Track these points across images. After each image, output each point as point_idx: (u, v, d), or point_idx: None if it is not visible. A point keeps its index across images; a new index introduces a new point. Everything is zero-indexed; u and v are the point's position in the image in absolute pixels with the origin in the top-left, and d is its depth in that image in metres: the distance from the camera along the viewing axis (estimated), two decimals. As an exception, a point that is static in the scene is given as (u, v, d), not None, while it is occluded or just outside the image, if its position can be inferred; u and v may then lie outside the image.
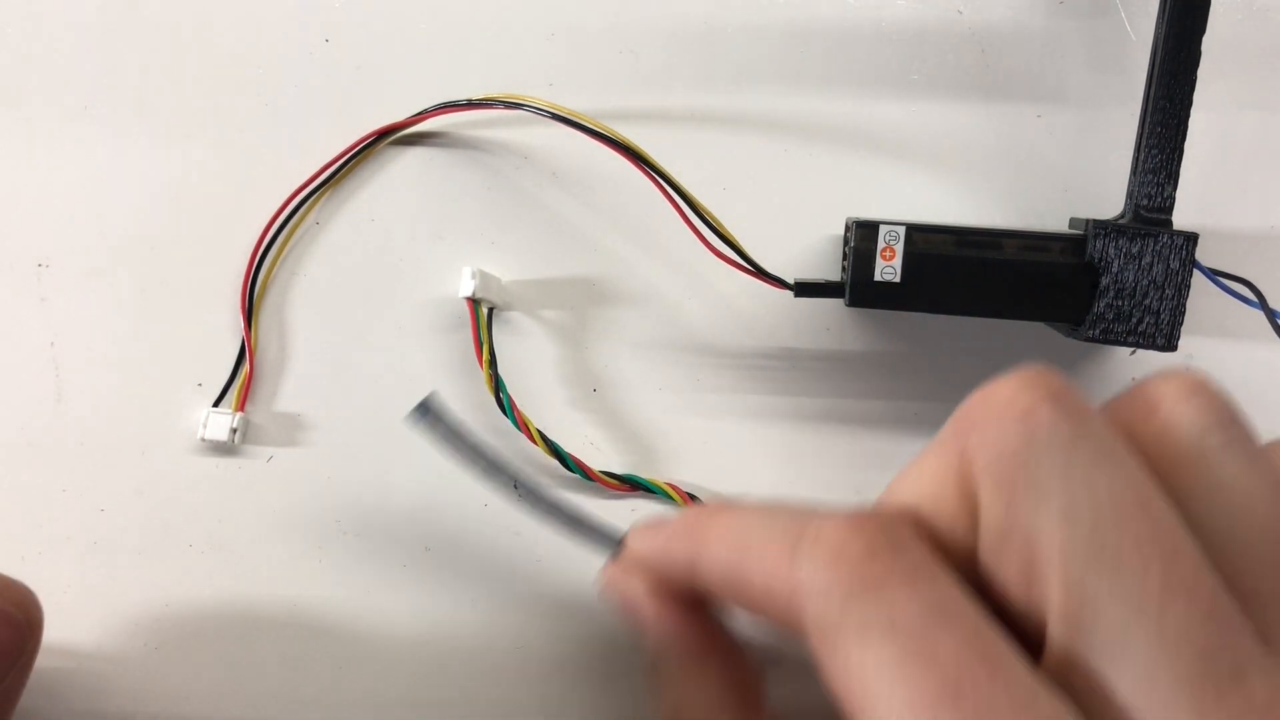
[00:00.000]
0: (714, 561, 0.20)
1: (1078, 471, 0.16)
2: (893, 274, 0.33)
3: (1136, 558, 0.15)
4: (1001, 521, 0.17)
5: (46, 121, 0.38)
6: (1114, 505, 0.16)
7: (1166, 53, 0.32)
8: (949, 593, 0.16)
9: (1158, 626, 0.14)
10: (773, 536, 0.19)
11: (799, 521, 0.19)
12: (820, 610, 0.17)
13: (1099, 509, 0.15)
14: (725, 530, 0.20)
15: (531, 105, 0.34)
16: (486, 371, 0.35)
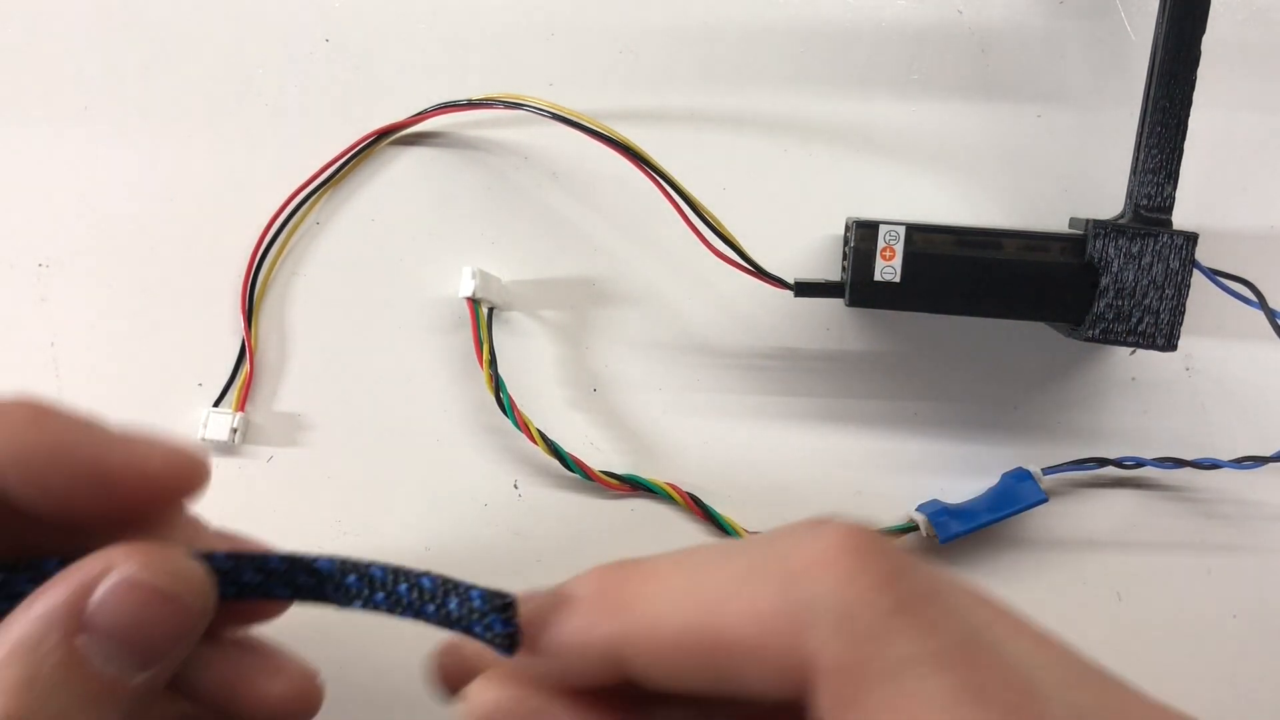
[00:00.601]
0: (663, 631, 0.16)
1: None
2: (893, 274, 0.33)
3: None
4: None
5: (46, 121, 0.38)
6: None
7: (1166, 53, 0.32)
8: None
9: None
10: (749, 579, 0.16)
11: (766, 556, 0.16)
12: (843, 646, 0.15)
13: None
14: (668, 590, 0.17)
15: (531, 105, 0.34)
16: (486, 371, 0.35)
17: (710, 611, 0.16)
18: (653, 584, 0.17)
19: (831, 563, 0.15)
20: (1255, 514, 0.37)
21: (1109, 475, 0.37)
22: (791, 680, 0.15)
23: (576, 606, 0.18)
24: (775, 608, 0.15)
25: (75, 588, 0.18)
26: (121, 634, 0.18)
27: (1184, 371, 0.37)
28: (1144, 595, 0.37)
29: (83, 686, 0.18)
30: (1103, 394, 0.37)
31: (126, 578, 0.19)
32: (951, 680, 0.14)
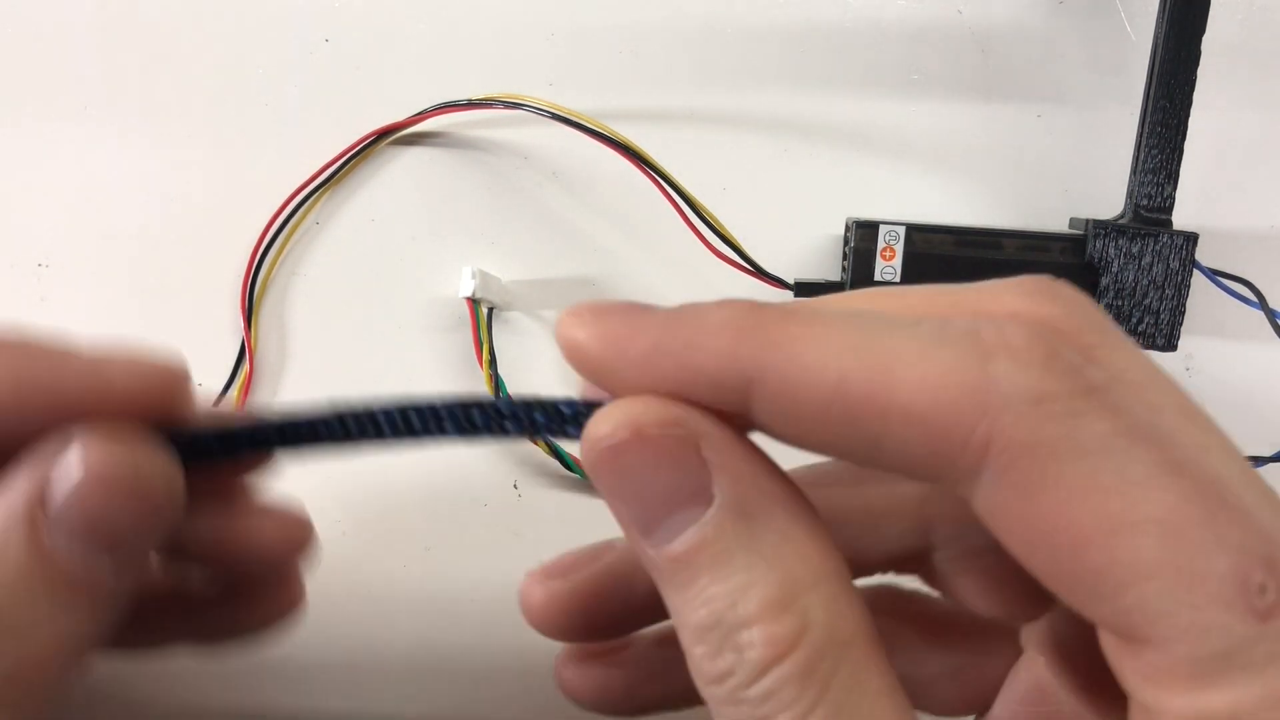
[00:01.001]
0: (818, 380, 0.14)
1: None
2: (893, 274, 0.33)
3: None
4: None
5: (46, 121, 0.38)
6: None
7: (1166, 53, 0.32)
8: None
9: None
10: (934, 341, 0.14)
11: (956, 325, 0.15)
12: (1034, 426, 0.14)
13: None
14: (833, 338, 0.15)
15: (531, 105, 0.34)
16: (486, 371, 0.35)
17: (881, 369, 0.14)
18: (812, 327, 0.15)
19: (1025, 349, 0.14)
20: (1255, 514, 0.37)
21: (1109, 475, 0.37)
22: (955, 458, 0.14)
23: (713, 329, 0.15)
24: (961, 381, 0.14)
25: (35, 481, 0.17)
26: (86, 527, 0.17)
27: (1184, 372, 0.37)
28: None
29: (55, 584, 0.17)
30: (1103, 394, 0.37)
31: (88, 461, 0.17)
32: (1146, 454, 0.14)
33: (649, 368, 0.15)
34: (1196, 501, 0.14)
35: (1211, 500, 0.14)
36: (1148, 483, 0.14)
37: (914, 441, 0.14)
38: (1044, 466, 0.14)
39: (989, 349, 0.14)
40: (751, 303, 0.15)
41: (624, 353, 0.16)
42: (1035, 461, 0.14)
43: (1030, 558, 0.15)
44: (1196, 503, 0.14)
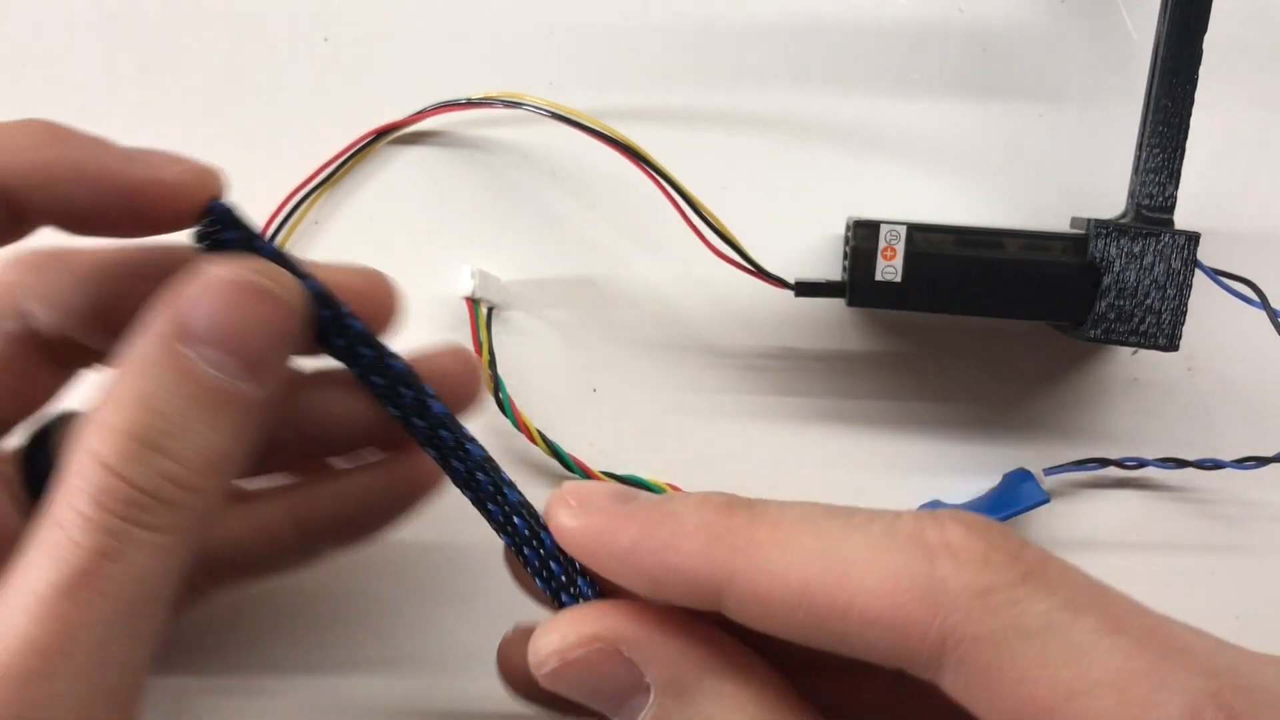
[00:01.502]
0: (783, 584, 0.16)
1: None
2: (894, 274, 0.33)
3: None
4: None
5: (46, 121, 0.37)
6: None
7: (1168, 52, 0.32)
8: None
9: None
10: (885, 546, 0.16)
11: (897, 531, 0.16)
12: (985, 618, 0.15)
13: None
14: (794, 544, 0.16)
15: (531, 105, 0.34)
16: (486, 371, 0.35)
17: (840, 574, 0.16)
18: (776, 532, 0.17)
19: (965, 546, 0.16)
20: (1258, 515, 0.37)
21: (1110, 476, 0.37)
22: (914, 651, 0.16)
23: (688, 532, 0.17)
24: (911, 585, 0.16)
25: (177, 299, 0.19)
26: (222, 335, 0.19)
27: (1186, 372, 0.37)
28: (1146, 596, 0.36)
29: (195, 395, 0.18)
30: (1104, 394, 0.37)
31: (220, 277, 0.19)
32: (1089, 620, 0.15)
33: (629, 564, 0.17)
34: (1140, 655, 0.15)
35: (1154, 650, 0.15)
36: (1093, 648, 0.15)
37: (876, 640, 0.16)
38: (998, 654, 0.15)
39: (934, 550, 0.16)
40: (724, 502, 0.17)
41: (607, 547, 0.18)
42: (988, 650, 0.15)
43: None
44: (1140, 657, 0.15)
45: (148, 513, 0.17)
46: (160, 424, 0.18)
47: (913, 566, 0.16)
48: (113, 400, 0.18)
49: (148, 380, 0.18)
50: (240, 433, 0.19)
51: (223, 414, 0.19)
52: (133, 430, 0.18)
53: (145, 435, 0.18)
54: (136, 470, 0.17)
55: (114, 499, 0.17)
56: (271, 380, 0.20)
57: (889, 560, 0.16)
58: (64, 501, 0.17)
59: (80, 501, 0.17)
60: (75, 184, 0.19)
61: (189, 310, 0.19)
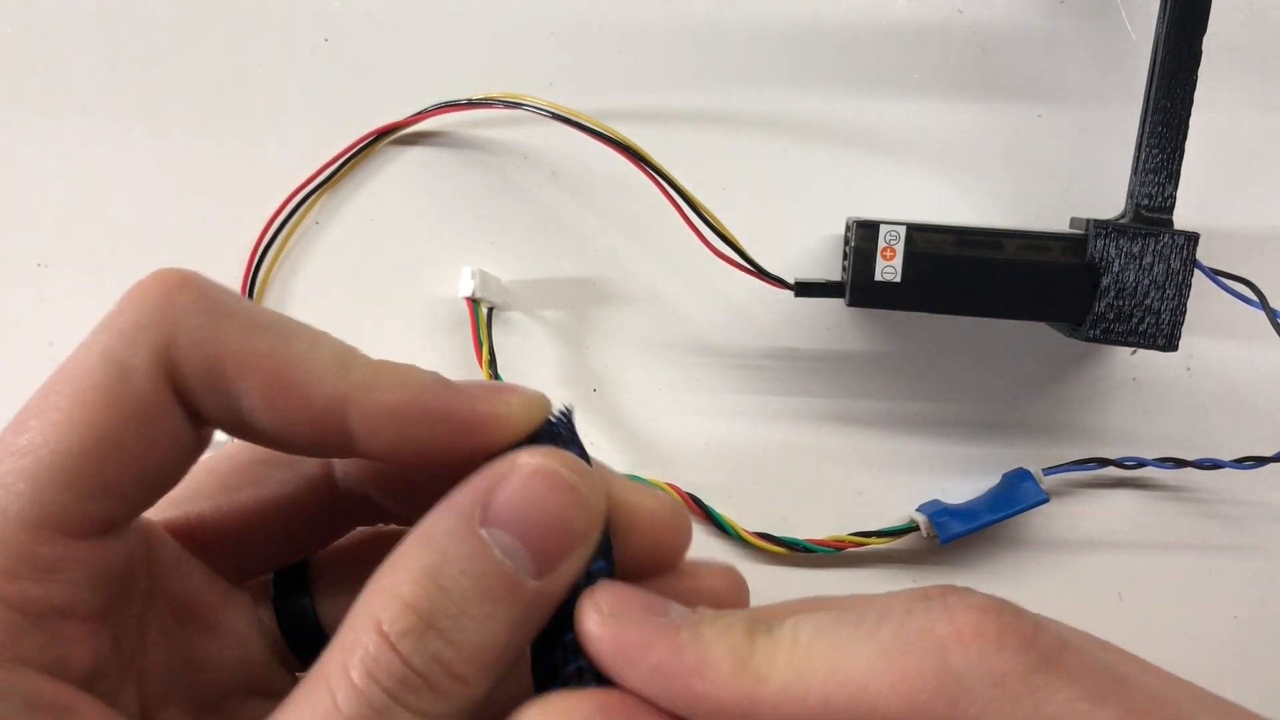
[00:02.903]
0: (805, 705, 0.17)
1: None
2: (893, 274, 0.33)
3: None
4: None
5: (46, 121, 0.37)
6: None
7: (1167, 52, 0.32)
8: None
9: None
10: (897, 649, 0.16)
11: (908, 627, 0.17)
12: (1008, 704, 0.16)
13: None
14: (810, 662, 0.17)
15: (531, 105, 0.34)
16: (486, 371, 0.35)
17: (858, 688, 0.16)
18: (794, 655, 0.17)
19: (977, 632, 0.16)
20: (1256, 514, 0.37)
21: (1110, 475, 0.37)
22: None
23: (714, 661, 0.18)
24: (927, 682, 0.16)
25: (483, 481, 0.19)
26: (522, 523, 0.18)
27: (1185, 371, 0.37)
28: (1145, 596, 0.37)
29: (483, 579, 0.18)
30: (1104, 394, 0.37)
31: (532, 465, 0.19)
32: (1108, 714, 0.15)
33: (655, 682, 0.18)
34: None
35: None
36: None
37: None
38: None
39: (945, 643, 0.16)
40: (746, 628, 0.18)
41: (633, 663, 0.18)
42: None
43: None
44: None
45: (413, 694, 0.17)
46: (445, 604, 0.18)
47: (926, 664, 0.16)
48: (402, 568, 0.18)
49: (440, 555, 0.18)
50: (517, 630, 0.19)
51: (504, 605, 0.18)
52: (418, 604, 0.17)
53: (428, 612, 0.17)
54: (413, 647, 0.17)
55: (385, 673, 0.17)
56: (559, 583, 0.19)
57: (902, 664, 0.16)
58: (337, 662, 0.17)
59: (353, 667, 0.17)
60: (420, 426, 0.19)
61: (495, 492, 0.19)
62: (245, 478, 0.22)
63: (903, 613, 0.17)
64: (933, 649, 0.16)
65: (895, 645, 0.16)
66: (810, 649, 0.17)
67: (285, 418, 0.19)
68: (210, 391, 0.19)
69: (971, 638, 0.16)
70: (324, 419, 0.19)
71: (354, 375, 0.19)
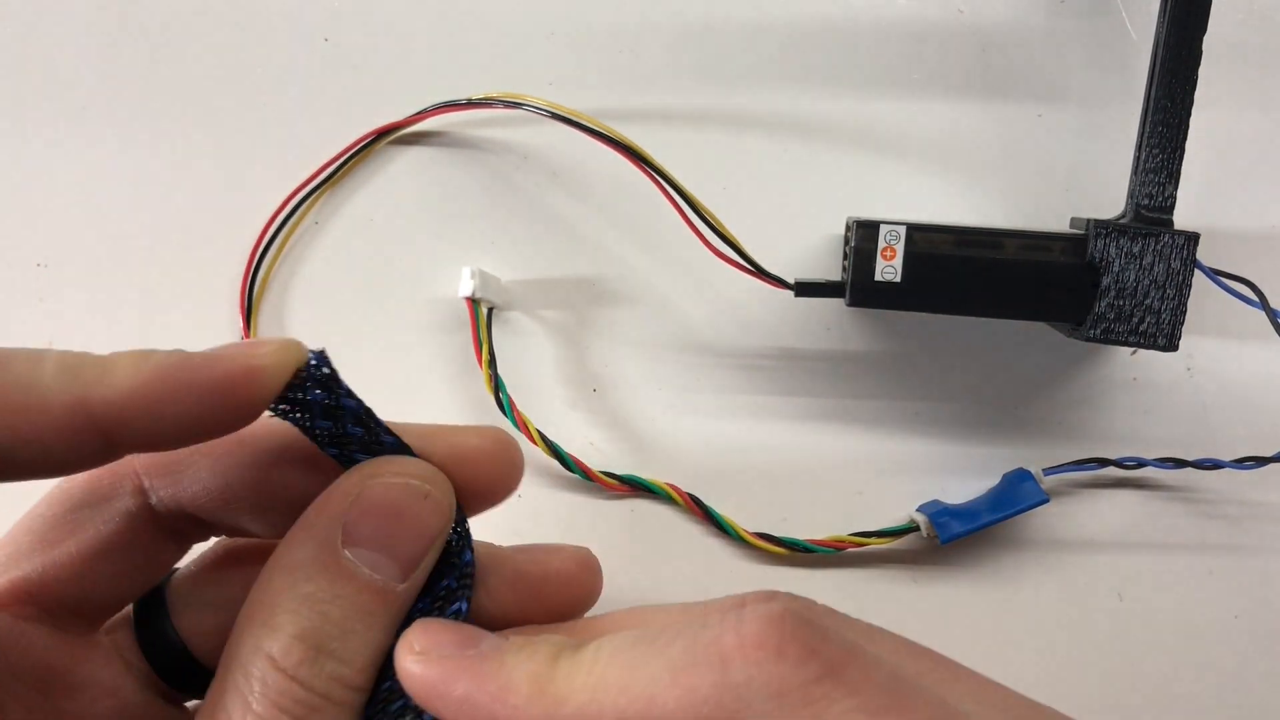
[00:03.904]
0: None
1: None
2: (893, 274, 0.33)
3: None
4: None
5: (46, 121, 0.37)
6: None
7: (1167, 52, 0.32)
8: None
9: None
10: (683, 663, 0.17)
11: (697, 641, 0.17)
12: (786, 715, 0.16)
13: None
14: (603, 683, 0.18)
15: (531, 105, 0.34)
16: (486, 371, 0.35)
17: (645, 703, 0.17)
18: (592, 676, 0.18)
19: (759, 643, 0.16)
20: (1257, 514, 0.37)
21: (1110, 476, 0.37)
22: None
23: (515, 686, 0.18)
24: (708, 695, 0.16)
25: (335, 504, 0.20)
26: (384, 541, 0.19)
27: (1185, 372, 0.37)
28: (1145, 596, 0.37)
29: (357, 596, 0.19)
30: (1104, 394, 0.37)
31: (385, 484, 0.20)
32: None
33: (463, 713, 0.18)
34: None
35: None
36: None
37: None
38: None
39: (727, 654, 0.16)
40: (550, 653, 0.18)
41: (442, 697, 0.19)
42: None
43: None
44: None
45: (319, 714, 0.18)
46: (328, 628, 0.19)
47: (707, 678, 0.16)
48: (278, 603, 0.19)
49: (312, 584, 0.19)
50: (395, 628, 0.20)
51: (380, 614, 0.19)
52: (304, 634, 0.18)
53: (316, 639, 0.18)
54: (310, 674, 0.18)
55: (290, 700, 0.18)
56: (423, 575, 0.20)
57: (687, 679, 0.17)
58: (238, 700, 0.18)
59: (257, 702, 0.18)
60: (171, 402, 0.19)
61: (352, 517, 0.19)
62: (63, 529, 0.21)
63: (699, 626, 0.17)
64: (715, 662, 0.16)
65: (683, 659, 0.17)
66: (607, 668, 0.18)
67: (35, 440, 0.18)
68: None
69: (754, 649, 0.16)
70: (72, 427, 0.18)
71: (85, 374, 0.18)
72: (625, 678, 0.17)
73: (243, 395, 0.19)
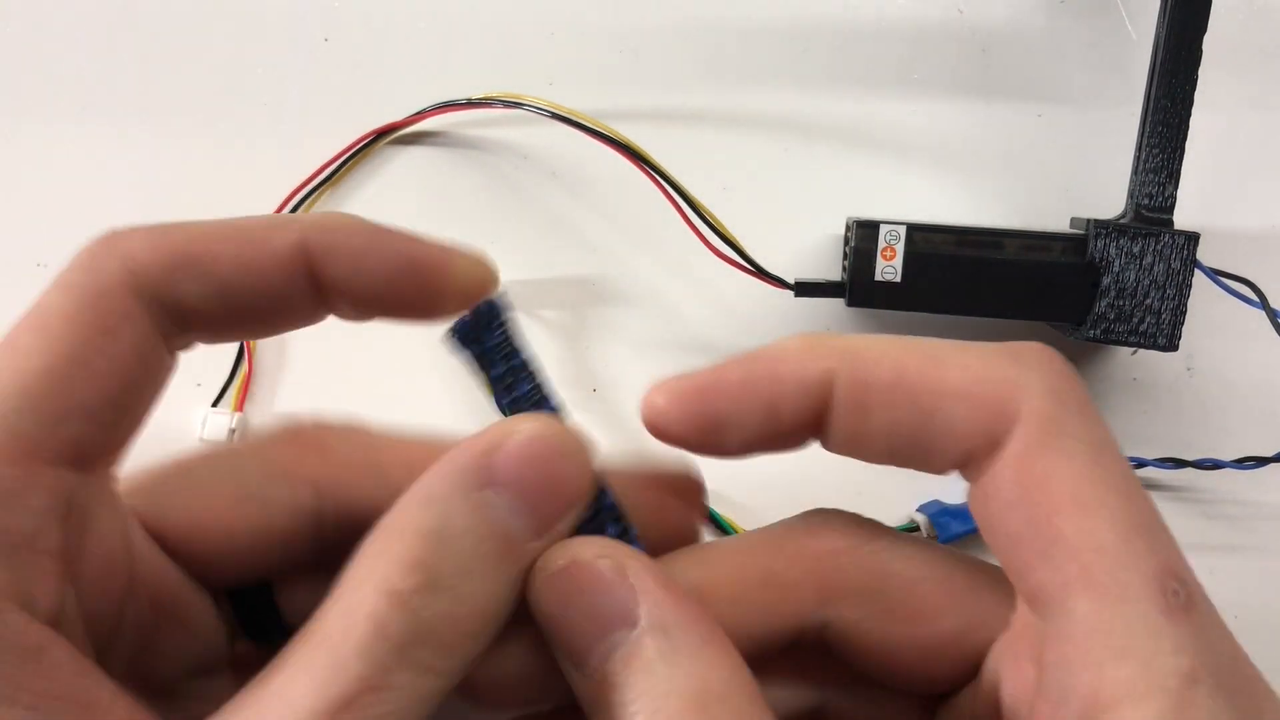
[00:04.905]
0: (883, 367, 0.19)
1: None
2: (893, 274, 0.33)
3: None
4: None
5: (46, 121, 0.37)
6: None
7: (1167, 52, 0.32)
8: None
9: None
10: (981, 350, 0.18)
11: (991, 346, 0.19)
12: (1051, 408, 0.17)
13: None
14: (889, 345, 0.19)
15: (531, 105, 0.34)
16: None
17: (933, 360, 0.18)
18: (872, 340, 0.19)
19: (1048, 362, 0.18)
20: (1257, 514, 0.37)
21: (1110, 476, 0.37)
22: (990, 426, 0.18)
23: (793, 348, 0.20)
24: (999, 375, 0.18)
25: (484, 444, 0.19)
26: (527, 489, 0.19)
27: (1185, 372, 0.37)
28: (1145, 596, 0.37)
29: (486, 540, 0.18)
30: (1104, 394, 0.37)
31: (533, 434, 0.19)
32: (1118, 466, 0.17)
33: (745, 394, 0.20)
34: (1141, 515, 0.17)
35: (1150, 518, 0.17)
36: (1116, 486, 0.17)
37: (959, 415, 0.18)
38: (1050, 439, 0.17)
39: (1020, 357, 0.18)
40: (818, 333, 0.20)
41: (721, 389, 0.20)
42: (1046, 433, 0.17)
43: (1008, 516, 0.17)
44: (1141, 516, 0.17)
45: (423, 650, 0.17)
46: (450, 561, 0.18)
47: (1001, 361, 0.18)
48: (406, 528, 0.18)
49: (443, 516, 0.18)
50: (514, 588, 0.19)
51: (506, 565, 0.18)
52: (424, 561, 0.17)
53: (435, 569, 0.17)
54: (423, 603, 0.17)
55: (397, 629, 0.17)
56: (550, 543, 0.19)
57: (980, 356, 0.18)
58: (340, 622, 0.17)
59: (359, 626, 0.16)
60: (379, 266, 0.20)
61: (499, 456, 0.19)
62: (250, 498, 0.21)
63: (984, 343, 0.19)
64: (1010, 357, 0.18)
65: (977, 347, 0.19)
66: (887, 338, 0.19)
67: (254, 274, 0.19)
68: (177, 283, 0.19)
69: (1043, 365, 0.18)
70: (290, 264, 0.20)
71: (305, 219, 0.20)
72: (910, 345, 0.19)
73: (435, 282, 0.20)
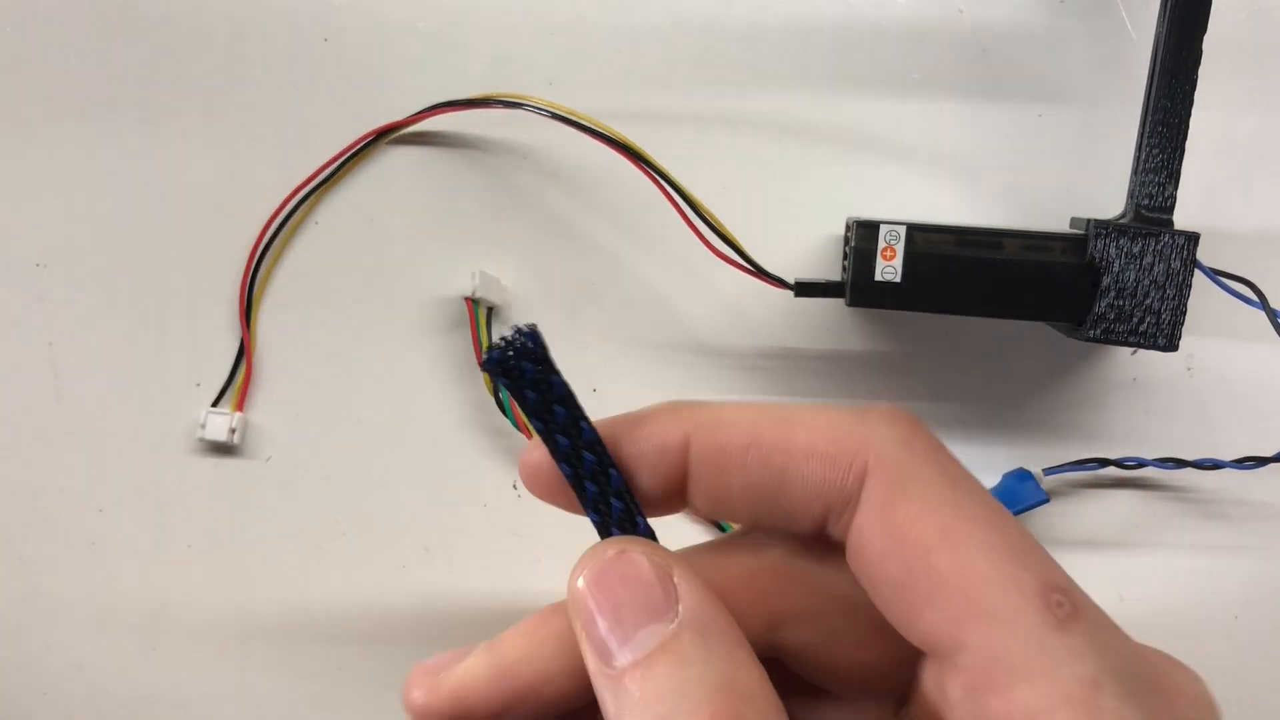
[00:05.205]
0: (737, 431, 0.19)
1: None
2: (893, 274, 0.33)
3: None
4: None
5: (46, 121, 0.37)
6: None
7: (1167, 52, 0.32)
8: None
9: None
10: (829, 411, 0.19)
11: (834, 406, 0.20)
12: (901, 455, 0.18)
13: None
14: (743, 410, 0.20)
15: (531, 105, 0.34)
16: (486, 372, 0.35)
17: (785, 421, 0.19)
18: (728, 406, 0.20)
19: (894, 416, 0.19)
20: (1257, 514, 0.37)
21: (1110, 476, 0.37)
22: (840, 484, 0.19)
23: (656, 414, 0.21)
24: (847, 432, 0.19)
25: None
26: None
27: (1185, 372, 0.37)
28: (1146, 596, 0.37)
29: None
30: (1104, 394, 0.37)
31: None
32: (981, 495, 0.18)
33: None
34: (1011, 538, 0.18)
35: (1021, 539, 0.18)
36: (981, 516, 0.18)
37: (810, 473, 0.19)
38: (906, 484, 0.18)
39: (865, 417, 0.19)
40: (676, 401, 0.21)
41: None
42: (901, 479, 0.18)
43: (884, 565, 0.18)
44: (1011, 538, 0.18)
45: None
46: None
47: (847, 420, 0.19)
48: None
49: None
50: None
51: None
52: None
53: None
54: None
55: None
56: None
57: (828, 417, 0.19)
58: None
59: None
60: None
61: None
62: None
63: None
64: (856, 413, 0.19)
65: (826, 408, 0.19)
66: (741, 404, 0.20)
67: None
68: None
69: (888, 417, 0.19)
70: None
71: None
72: (763, 409, 0.20)
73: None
